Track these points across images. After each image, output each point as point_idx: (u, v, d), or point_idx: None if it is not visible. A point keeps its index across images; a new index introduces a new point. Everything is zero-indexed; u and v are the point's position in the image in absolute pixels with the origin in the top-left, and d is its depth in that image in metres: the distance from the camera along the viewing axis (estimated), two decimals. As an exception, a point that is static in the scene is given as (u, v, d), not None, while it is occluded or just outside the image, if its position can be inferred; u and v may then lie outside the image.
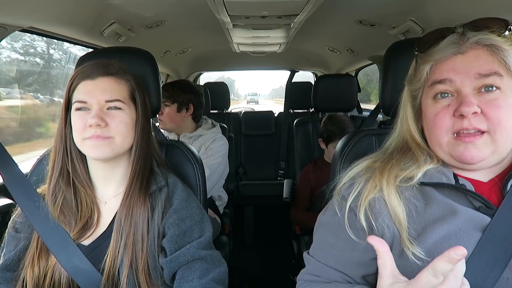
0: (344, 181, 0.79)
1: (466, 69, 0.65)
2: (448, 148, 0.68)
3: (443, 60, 0.69)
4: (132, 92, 0.89)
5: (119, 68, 0.90)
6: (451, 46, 0.68)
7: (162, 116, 1.82)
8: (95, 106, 0.84)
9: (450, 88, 0.67)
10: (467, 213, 0.66)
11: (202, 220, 0.92)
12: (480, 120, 0.64)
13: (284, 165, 3.13)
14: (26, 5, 1.09)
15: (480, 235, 0.64)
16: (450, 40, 0.69)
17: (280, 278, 2.48)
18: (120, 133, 0.85)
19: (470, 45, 0.67)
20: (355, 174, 0.78)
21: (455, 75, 0.66)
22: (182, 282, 0.83)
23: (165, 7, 1.60)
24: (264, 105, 22.60)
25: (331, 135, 1.93)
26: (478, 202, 0.67)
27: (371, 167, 0.77)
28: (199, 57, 3.06)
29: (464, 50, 0.67)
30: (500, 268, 0.62)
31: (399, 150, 0.77)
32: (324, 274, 0.77)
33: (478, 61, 0.65)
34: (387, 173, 0.73)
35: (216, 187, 1.84)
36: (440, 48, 0.70)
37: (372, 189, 0.73)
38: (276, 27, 1.85)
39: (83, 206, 0.89)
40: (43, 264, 0.86)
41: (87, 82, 0.85)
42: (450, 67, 0.67)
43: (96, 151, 0.84)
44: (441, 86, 0.68)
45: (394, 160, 0.75)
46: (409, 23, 1.56)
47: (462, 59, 0.67)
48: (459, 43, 0.68)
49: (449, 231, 0.65)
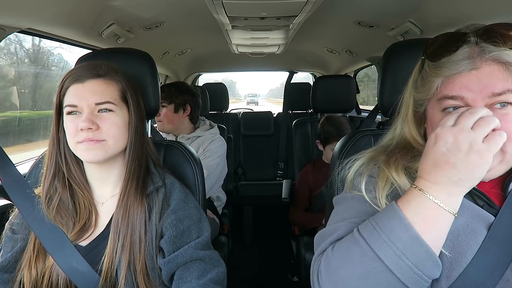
0: (351, 175, 0.77)
1: (479, 88, 0.62)
2: None
3: (456, 76, 0.65)
4: (123, 93, 0.89)
5: (108, 69, 0.89)
6: (465, 61, 0.64)
7: (160, 117, 1.83)
8: (86, 110, 0.83)
9: (461, 103, 0.65)
10: (473, 210, 0.66)
11: (200, 220, 0.92)
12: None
13: (283, 165, 3.13)
14: (24, 6, 1.09)
15: (486, 233, 0.64)
16: (464, 55, 0.65)
17: (279, 279, 2.47)
18: (112, 135, 0.85)
19: (484, 61, 0.63)
20: (358, 167, 0.76)
21: (467, 92, 0.63)
22: (181, 282, 0.83)
23: (164, 8, 1.60)
24: (263, 106, 22.61)
25: (329, 136, 1.94)
26: (481, 201, 0.67)
27: (375, 159, 0.76)
28: (198, 58, 3.06)
29: (478, 65, 0.63)
30: (502, 269, 0.62)
31: (402, 148, 0.76)
32: (334, 230, 0.71)
33: (492, 79, 0.62)
34: (393, 165, 0.71)
35: (215, 187, 1.84)
36: (453, 62, 0.65)
37: (385, 185, 0.70)
38: (275, 28, 1.85)
39: (81, 208, 0.89)
40: (41, 265, 0.86)
41: (77, 86, 0.85)
42: (463, 84, 0.64)
43: (89, 155, 0.84)
44: (451, 101, 0.65)
45: (398, 155, 0.73)
46: (407, 24, 1.56)
47: (476, 76, 0.63)
48: (474, 57, 0.64)
49: (457, 227, 0.64)
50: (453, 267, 0.63)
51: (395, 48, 1.05)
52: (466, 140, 0.57)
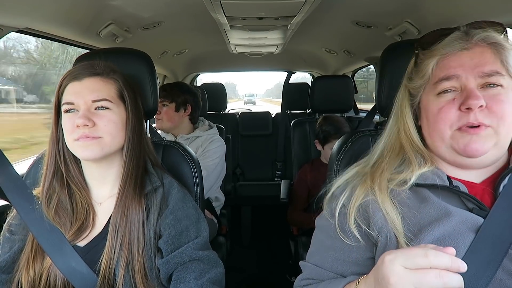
0: (336, 187, 0.79)
1: (471, 66, 0.66)
2: (451, 141, 0.68)
3: (449, 56, 0.69)
4: (120, 91, 0.89)
5: (105, 68, 0.89)
6: (458, 41, 0.68)
7: (160, 115, 1.83)
8: (83, 107, 0.83)
9: (456, 84, 0.67)
10: (461, 215, 0.66)
11: (199, 220, 0.92)
12: (485, 114, 0.65)
13: (281, 165, 3.13)
14: (21, 5, 1.09)
15: (474, 236, 0.64)
16: (456, 36, 0.69)
17: (277, 279, 2.48)
18: (108, 132, 0.85)
19: (476, 42, 0.67)
20: (347, 179, 0.79)
21: (461, 70, 0.67)
22: (179, 283, 0.83)
23: (162, 8, 1.60)
24: (260, 106, 22.62)
25: (327, 135, 1.94)
26: (472, 204, 0.68)
27: (361, 172, 0.78)
28: (196, 58, 3.06)
29: (470, 46, 0.67)
30: (493, 269, 0.62)
31: (389, 150, 0.77)
32: (320, 276, 0.78)
33: (482, 59, 0.66)
34: (378, 178, 0.73)
35: (213, 188, 1.84)
36: (446, 43, 0.70)
37: (360, 195, 0.73)
38: (273, 28, 1.85)
39: (78, 208, 0.89)
40: (38, 266, 0.85)
41: (74, 84, 0.86)
42: (458, 63, 0.67)
43: (85, 151, 0.84)
44: (447, 83, 0.68)
45: (384, 163, 0.75)
46: (405, 24, 1.57)
47: (468, 55, 0.67)
48: (466, 39, 0.68)
49: (444, 232, 0.65)
50: None
51: (392, 48, 1.05)
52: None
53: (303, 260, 0.84)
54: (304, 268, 0.82)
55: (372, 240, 0.73)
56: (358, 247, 0.74)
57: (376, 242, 0.71)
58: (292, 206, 2.08)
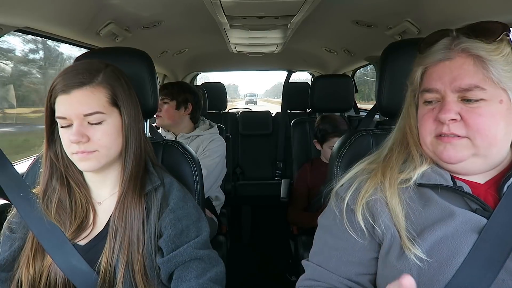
0: (341, 183, 0.80)
1: (449, 80, 0.66)
2: (431, 147, 0.71)
3: (432, 66, 0.70)
4: (112, 97, 0.85)
5: (90, 73, 0.84)
6: (441, 51, 0.68)
7: (160, 113, 1.84)
8: (75, 122, 0.81)
9: (437, 95, 0.69)
10: (465, 215, 0.66)
11: (199, 219, 0.92)
12: (459, 127, 0.66)
13: (282, 165, 3.13)
14: (21, 5, 1.09)
15: (477, 237, 0.64)
16: (442, 44, 0.69)
17: (277, 278, 2.48)
18: (104, 146, 0.84)
19: (458, 52, 0.66)
20: (352, 176, 0.79)
21: (441, 84, 0.67)
22: (180, 282, 0.83)
23: (162, 7, 1.60)
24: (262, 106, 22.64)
25: (325, 134, 1.94)
26: (475, 204, 0.68)
27: (367, 169, 0.79)
28: (196, 58, 3.06)
29: (452, 56, 0.67)
30: (496, 269, 0.62)
31: (398, 144, 0.78)
32: (324, 278, 0.77)
33: (462, 72, 0.65)
34: (389, 173, 0.74)
35: (214, 187, 1.85)
36: (432, 52, 0.70)
37: (370, 189, 0.73)
38: (273, 27, 1.85)
39: (77, 206, 0.89)
40: (39, 264, 0.85)
41: (63, 97, 0.82)
42: (438, 75, 0.68)
43: (84, 165, 0.84)
44: (429, 94, 0.70)
45: (394, 158, 0.76)
46: (405, 24, 1.57)
47: (449, 67, 0.67)
48: (449, 48, 0.68)
49: (447, 232, 0.65)
50: (443, 270, 0.64)
51: (393, 48, 1.05)
52: None
53: (303, 259, 0.84)
54: (307, 267, 0.81)
55: (377, 239, 0.73)
56: (362, 247, 0.74)
57: (381, 241, 0.72)
58: (292, 206, 2.08)
